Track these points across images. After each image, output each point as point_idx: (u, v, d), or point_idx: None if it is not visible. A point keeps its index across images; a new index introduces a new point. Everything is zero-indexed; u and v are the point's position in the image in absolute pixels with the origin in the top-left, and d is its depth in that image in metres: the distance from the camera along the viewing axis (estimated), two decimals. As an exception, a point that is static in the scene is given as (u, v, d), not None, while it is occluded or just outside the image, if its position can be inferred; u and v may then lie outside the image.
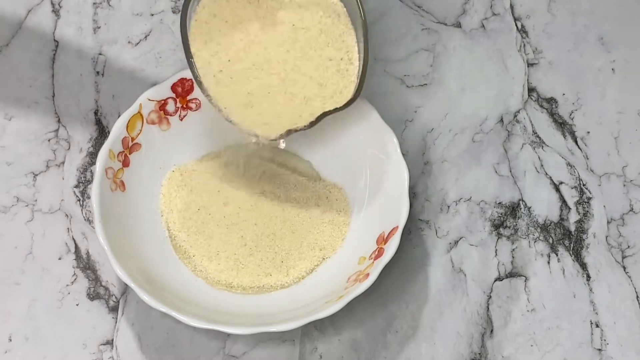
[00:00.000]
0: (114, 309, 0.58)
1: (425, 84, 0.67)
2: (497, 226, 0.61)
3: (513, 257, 0.60)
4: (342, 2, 0.57)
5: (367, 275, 0.53)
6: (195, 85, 0.60)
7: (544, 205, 0.62)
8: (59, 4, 0.68)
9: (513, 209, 0.62)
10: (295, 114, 0.55)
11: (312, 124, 0.55)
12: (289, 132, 0.54)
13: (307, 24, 0.56)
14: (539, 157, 0.64)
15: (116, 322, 0.57)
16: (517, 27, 0.69)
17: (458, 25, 0.69)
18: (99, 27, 0.68)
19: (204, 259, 0.58)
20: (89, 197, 0.61)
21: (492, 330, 0.58)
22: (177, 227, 0.59)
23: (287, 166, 0.62)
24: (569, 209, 0.62)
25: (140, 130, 0.59)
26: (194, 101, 0.61)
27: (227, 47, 0.56)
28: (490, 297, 0.59)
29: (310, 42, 0.56)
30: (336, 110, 0.55)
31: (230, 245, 0.58)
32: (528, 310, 0.58)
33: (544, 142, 0.64)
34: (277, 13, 0.56)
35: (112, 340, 0.57)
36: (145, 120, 0.59)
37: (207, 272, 0.58)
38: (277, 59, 0.56)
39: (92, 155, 0.63)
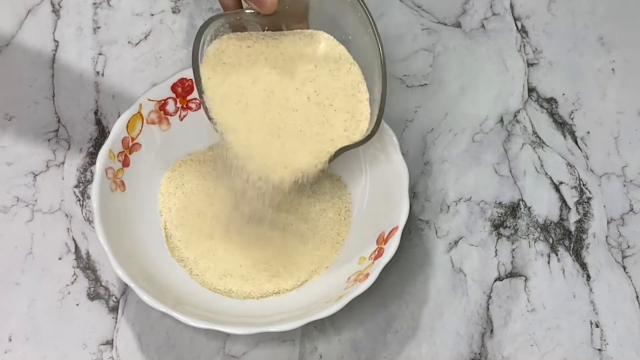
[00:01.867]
0: (114, 309, 0.58)
1: (425, 84, 0.67)
2: (497, 226, 0.61)
3: (513, 257, 0.60)
4: (354, 56, 0.57)
5: (367, 275, 0.53)
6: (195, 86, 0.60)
7: (544, 205, 0.62)
8: (59, 4, 0.68)
9: (513, 209, 0.62)
10: (310, 155, 0.54)
11: (329, 161, 0.54)
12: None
13: (319, 74, 0.56)
14: (539, 157, 0.64)
15: (116, 322, 0.57)
16: (517, 27, 0.69)
17: (458, 25, 0.69)
18: (99, 27, 0.68)
19: (201, 262, 0.58)
20: (89, 197, 0.61)
21: (492, 330, 0.58)
22: (175, 227, 0.59)
23: None
24: (569, 209, 0.62)
25: (140, 130, 0.59)
26: (194, 101, 0.61)
27: (241, 93, 0.55)
28: (490, 297, 0.59)
29: (322, 88, 0.56)
30: (351, 147, 0.54)
31: (230, 250, 0.58)
32: (528, 310, 0.58)
33: (544, 142, 0.64)
34: (291, 65, 0.56)
35: (112, 340, 0.57)
36: (145, 120, 0.59)
37: (205, 276, 0.57)
38: (290, 105, 0.55)
39: (92, 155, 0.63)
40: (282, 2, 0.53)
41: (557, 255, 0.60)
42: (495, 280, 0.59)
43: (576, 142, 0.65)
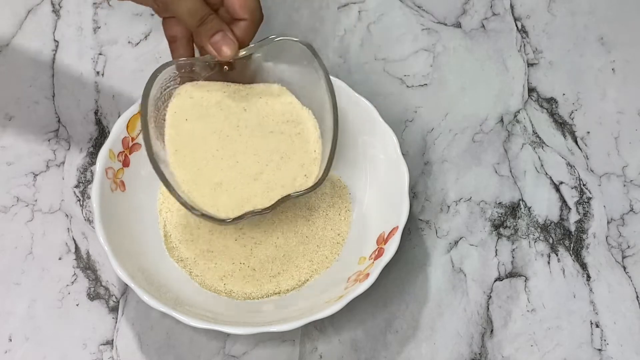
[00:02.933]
0: (114, 309, 0.58)
1: (425, 84, 0.67)
2: (497, 226, 0.61)
3: (513, 257, 0.60)
4: (307, 105, 0.57)
5: (367, 275, 0.53)
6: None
7: (544, 205, 0.62)
8: (59, 4, 0.68)
9: (513, 209, 0.62)
10: (257, 198, 0.55)
11: (272, 207, 0.55)
12: (246, 216, 0.54)
13: (271, 128, 0.57)
14: (539, 157, 0.64)
15: (116, 322, 0.57)
16: (517, 27, 0.69)
17: (458, 25, 0.69)
18: (99, 27, 0.68)
19: (201, 262, 0.58)
20: (89, 197, 0.61)
21: (492, 330, 0.58)
22: (174, 227, 0.59)
23: None
24: (569, 209, 0.62)
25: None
26: (194, 101, 0.61)
27: (196, 147, 0.56)
28: (490, 297, 0.59)
29: (274, 138, 0.57)
30: (298, 194, 0.55)
31: (230, 251, 0.58)
32: (528, 310, 0.58)
33: (544, 142, 0.64)
34: (246, 119, 0.57)
35: (112, 340, 0.57)
36: (145, 120, 0.59)
37: (205, 276, 0.57)
38: (243, 150, 0.56)
39: (92, 155, 0.63)
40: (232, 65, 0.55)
41: (557, 255, 0.60)
42: (495, 280, 0.59)
43: (576, 142, 0.65)
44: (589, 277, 0.59)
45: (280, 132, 0.57)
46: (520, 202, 0.62)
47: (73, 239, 0.60)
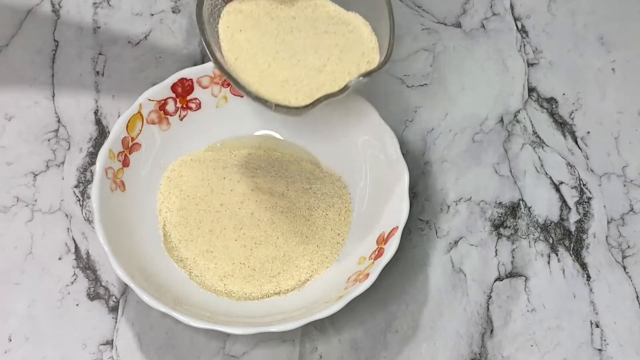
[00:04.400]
0: (114, 309, 0.58)
1: (425, 84, 0.67)
2: (497, 226, 0.61)
3: (513, 257, 0.60)
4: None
5: (367, 275, 0.53)
6: (195, 85, 0.60)
7: (544, 205, 0.62)
8: (59, 4, 0.68)
9: (513, 209, 0.62)
10: (326, 87, 0.55)
11: (343, 90, 0.54)
12: (321, 100, 0.53)
13: (324, 29, 0.57)
14: (539, 157, 0.64)
15: (116, 322, 0.57)
16: (517, 27, 0.69)
17: (458, 25, 0.69)
18: (99, 27, 0.68)
19: (201, 262, 0.58)
20: (89, 197, 0.61)
21: (492, 330, 0.58)
22: (174, 226, 0.59)
23: (290, 154, 0.62)
24: (569, 209, 0.62)
25: (140, 130, 0.59)
26: (193, 101, 0.61)
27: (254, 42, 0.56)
28: (490, 297, 0.59)
29: (328, 36, 0.57)
30: (365, 75, 0.54)
31: (230, 251, 0.58)
32: (528, 310, 0.58)
33: (544, 142, 0.64)
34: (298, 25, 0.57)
35: (112, 340, 0.57)
36: (145, 120, 0.59)
37: (205, 276, 0.57)
38: (302, 49, 0.56)
39: (92, 155, 0.63)
40: None
41: (557, 255, 0.60)
42: (495, 280, 0.59)
43: (576, 142, 0.65)
44: (589, 277, 0.59)
45: (333, 32, 0.57)
46: (520, 202, 0.62)
47: (73, 239, 0.60)
